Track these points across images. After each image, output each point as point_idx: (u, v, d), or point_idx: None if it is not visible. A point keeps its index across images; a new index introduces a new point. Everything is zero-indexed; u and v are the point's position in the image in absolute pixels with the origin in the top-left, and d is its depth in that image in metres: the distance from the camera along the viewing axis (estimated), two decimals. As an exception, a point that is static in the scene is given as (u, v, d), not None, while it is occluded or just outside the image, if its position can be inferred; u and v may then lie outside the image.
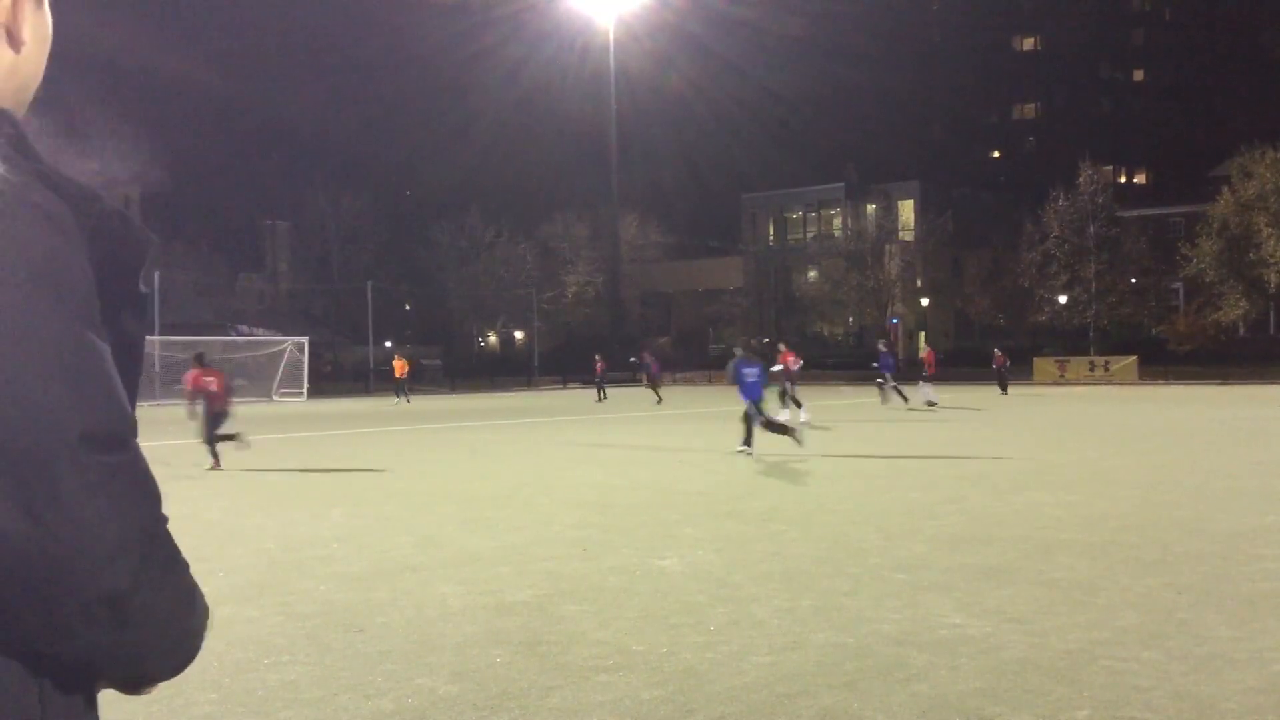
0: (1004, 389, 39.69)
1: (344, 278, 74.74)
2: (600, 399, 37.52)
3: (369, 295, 62.71)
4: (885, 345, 34.89)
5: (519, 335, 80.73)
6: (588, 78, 66.01)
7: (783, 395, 24.32)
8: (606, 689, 5.24)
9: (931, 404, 30.62)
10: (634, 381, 39.96)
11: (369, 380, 52.86)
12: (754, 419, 16.72)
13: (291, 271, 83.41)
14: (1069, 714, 4.75)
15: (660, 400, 35.14)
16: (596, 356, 40.45)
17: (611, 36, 55.51)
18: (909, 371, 41.37)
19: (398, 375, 41.50)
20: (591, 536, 9.59)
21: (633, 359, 43.33)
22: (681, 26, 75.05)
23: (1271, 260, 51.66)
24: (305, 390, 46.94)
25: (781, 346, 30.92)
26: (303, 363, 47.47)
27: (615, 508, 11.41)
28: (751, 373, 17.03)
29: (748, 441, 16.69)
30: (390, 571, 8.19)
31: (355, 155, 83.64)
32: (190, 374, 16.73)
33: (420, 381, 63.78)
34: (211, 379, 16.40)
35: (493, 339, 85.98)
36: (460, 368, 70.70)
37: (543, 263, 74.09)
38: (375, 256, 76.11)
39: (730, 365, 17.81)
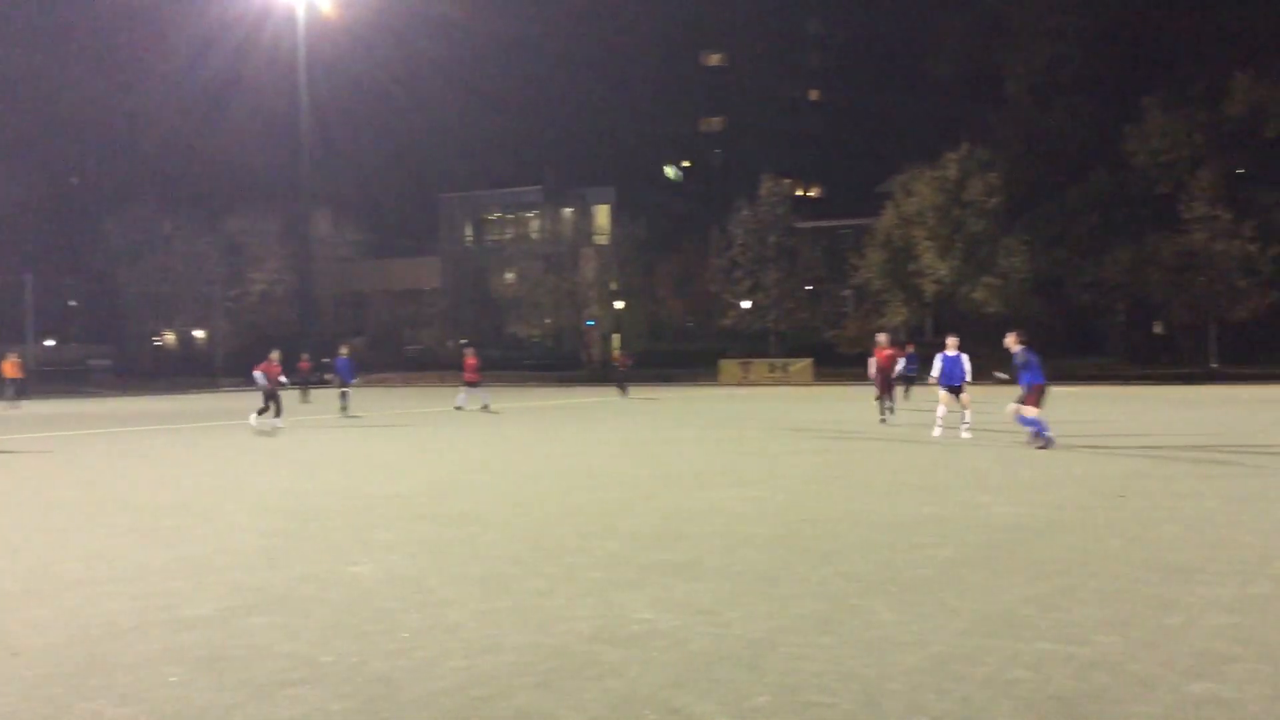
0: (623, 391, 39.08)
1: (1, 269, 68.35)
2: (303, 401, 36.02)
3: (28, 289, 57.64)
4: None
5: (199, 334, 76.51)
6: (280, 68, 63.34)
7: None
8: (293, 703, 5.03)
9: (460, 409, 29.69)
10: (324, 385, 38.59)
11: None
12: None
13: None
14: (751, 701, 4.96)
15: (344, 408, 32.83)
16: (304, 355, 38.93)
17: (302, 24, 53.53)
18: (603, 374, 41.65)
19: (7, 375, 38.20)
20: (279, 545, 9.19)
21: (325, 359, 41.76)
22: (384, 21, 73.43)
23: (928, 271, 56.28)
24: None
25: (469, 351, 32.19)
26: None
27: (305, 514, 10.99)
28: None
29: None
30: (52, 589, 7.53)
31: (14, 135, 76.45)
32: None
33: (87, 383, 59.30)
34: None
35: (171, 338, 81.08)
36: (134, 368, 66.27)
37: (228, 259, 70.50)
38: (37, 247, 70.02)
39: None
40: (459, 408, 30.30)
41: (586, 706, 4.92)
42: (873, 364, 24.93)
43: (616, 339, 70.19)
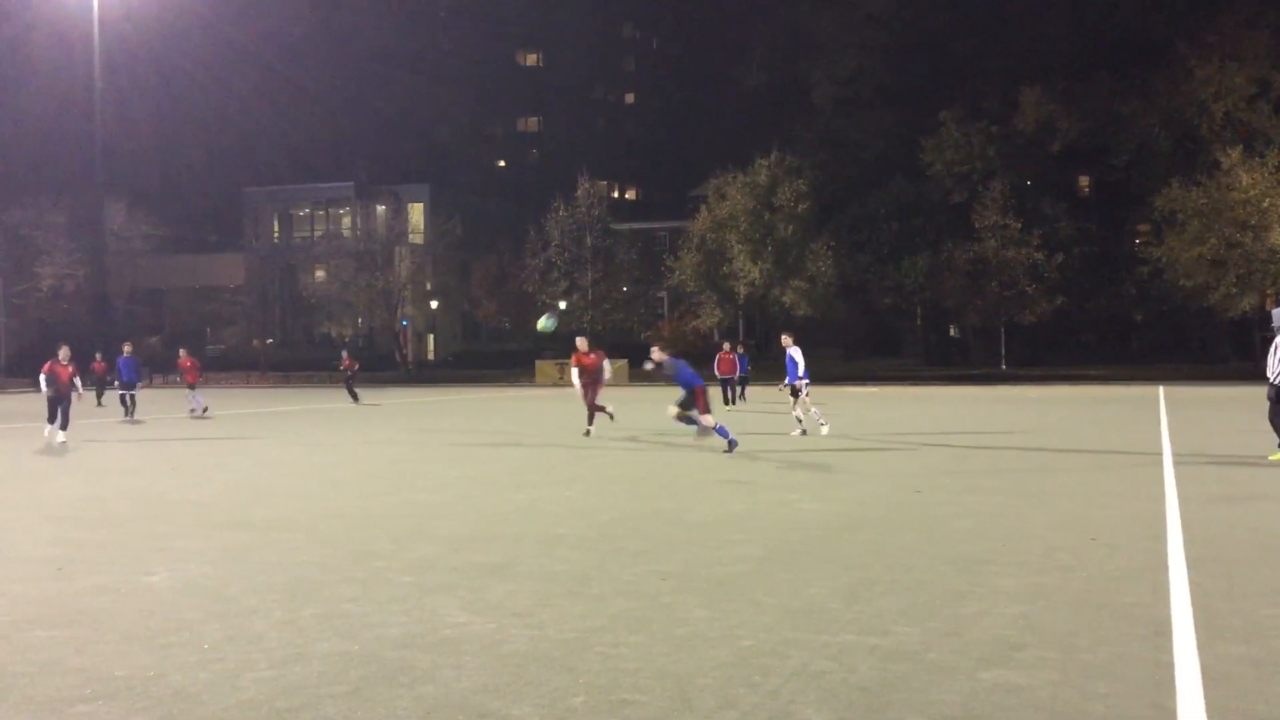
0: (355, 397, 36.04)
1: None
2: (99, 404, 34.03)
3: None
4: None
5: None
6: (73, 48, 59.95)
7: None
8: (83, 722, 4.76)
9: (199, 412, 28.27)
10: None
11: None
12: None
13: None
14: (566, 701, 4.97)
15: (128, 411, 30.59)
16: (96, 355, 36.89)
17: (96, 7, 50.87)
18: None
19: None
20: (68, 554, 8.70)
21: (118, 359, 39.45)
22: (191, 6, 70.49)
23: (741, 274, 57.61)
24: None
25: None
26: None
27: (97, 521, 10.44)
28: None
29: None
30: None
31: None
32: None
33: None
34: None
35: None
36: (-94, 369, 61.72)
37: (12, 251, 66.27)
38: None
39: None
40: (193, 410, 28.06)
41: (398, 714, 4.83)
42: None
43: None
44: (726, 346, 30.75)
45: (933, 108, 59.86)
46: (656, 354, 18.02)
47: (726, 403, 28.81)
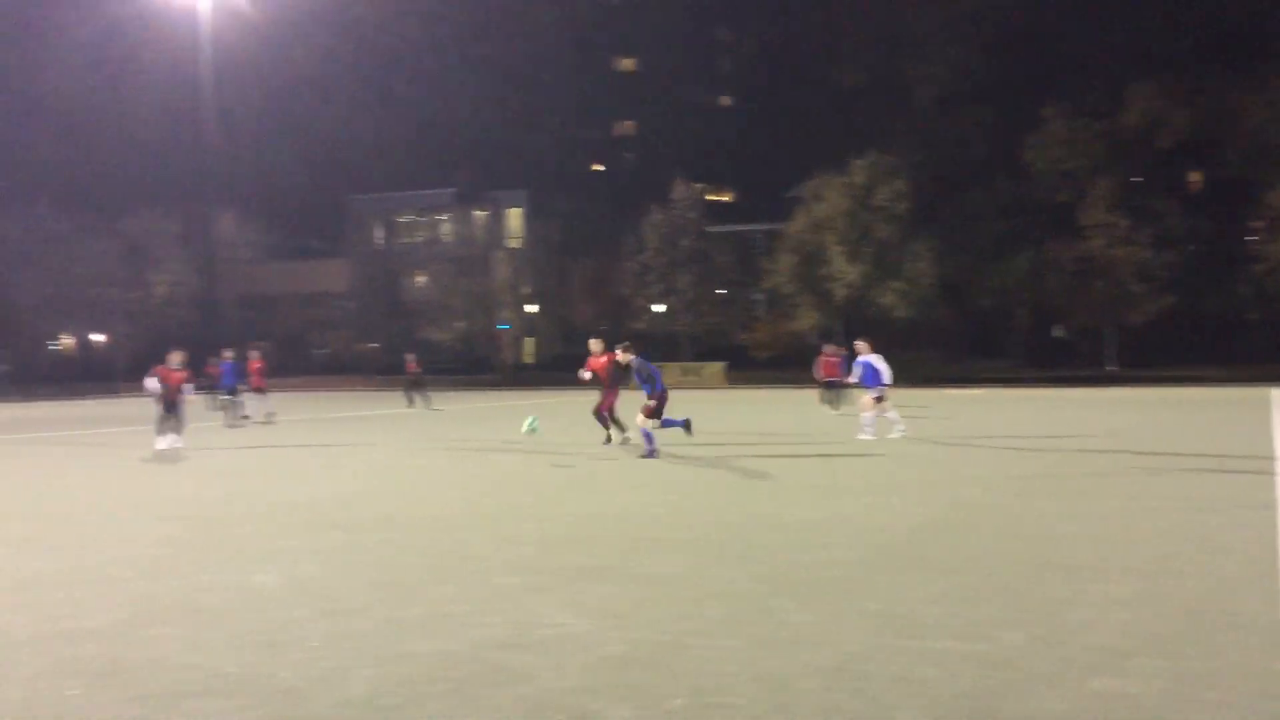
0: (411, 401, 35.00)
1: (-115, 273, 65.72)
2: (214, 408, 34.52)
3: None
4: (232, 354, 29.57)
5: (98, 338, 74.40)
6: (183, 64, 61.93)
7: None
8: (196, 715, 4.91)
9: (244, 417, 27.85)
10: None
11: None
12: None
13: None
14: (665, 703, 4.97)
15: (232, 414, 31.32)
16: (210, 360, 37.53)
17: (208, 19, 52.45)
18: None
19: None
20: (180, 554, 8.98)
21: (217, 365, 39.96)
22: (294, 19, 72.32)
23: (838, 276, 57.05)
24: None
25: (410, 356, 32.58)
26: None
27: (207, 522, 10.76)
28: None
29: None
30: (-60, 603, 7.26)
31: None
32: None
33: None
34: None
35: (67, 342, 78.73)
36: (30, 374, 64.23)
37: (128, 260, 68.58)
38: (-75, 249, 67.45)
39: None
40: (246, 417, 27.67)
41: (499, 713, 4.89)
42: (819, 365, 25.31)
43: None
44: (829, 349, 30.17)
45: (1035, 104, 58.59)
46: (622, 355, 17.73)
47: (833, 407, 28.27)
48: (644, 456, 16.43)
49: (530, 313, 72.31)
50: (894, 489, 12.51)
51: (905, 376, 51.01)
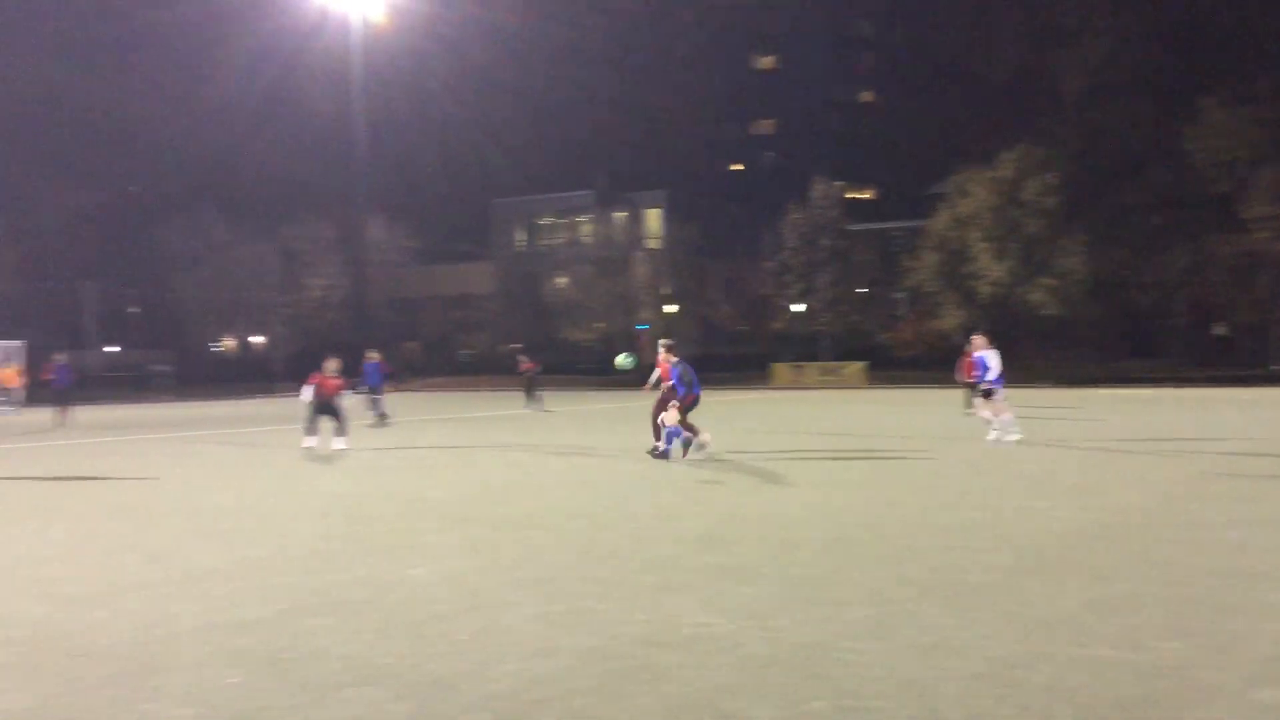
0: (530, 397, 34.11)
1: (62, 277, 69.66)
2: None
3: (89, 296, 58.82)
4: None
5: (257, 340, 77.57)
6: (334, 73, 64.15)
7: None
8: (350, 704, 5.08)
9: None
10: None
11: (77, 388, 49.37)
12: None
13: (2, 270, 76.98)
14: (807, 705, 4.94)
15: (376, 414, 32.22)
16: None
17: (357, 32, 54.10)
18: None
19: (6, 385, 38.33)
20: (335, 547, 9.29)
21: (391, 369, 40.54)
22: (435, 26, 74.11)
23: (983, 273, 55.70)
24: (23, 398, 43.53)
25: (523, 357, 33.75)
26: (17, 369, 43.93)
27: (360, 517, 11.10)
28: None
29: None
30: (114, 591, 7.67)
31: (77, 146, 78.13)
32: None
33: (147, 388, 60.33)
34: None
35: (229, 344, 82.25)
36: (193, 374, 67.27)
37: (284, 265, 71.38)
38: (98, 255, 71.34)
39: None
40: (385, 416, 27.49)
41: (641, 710, 4.92)
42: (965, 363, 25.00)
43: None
44: (974, 344, 29.31)
45: (1192, 93, 56.20)
46: (665, 355, 17.25)
47: (970, 407, 27.54)
48: (656, 455, 16.39)
49: (669, 313, 72.57)
50: (1043, 493, 12.16)
51: (1056, 376, 49.68)
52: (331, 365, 19.52)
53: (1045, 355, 57.15)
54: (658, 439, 16.96)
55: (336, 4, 52.63)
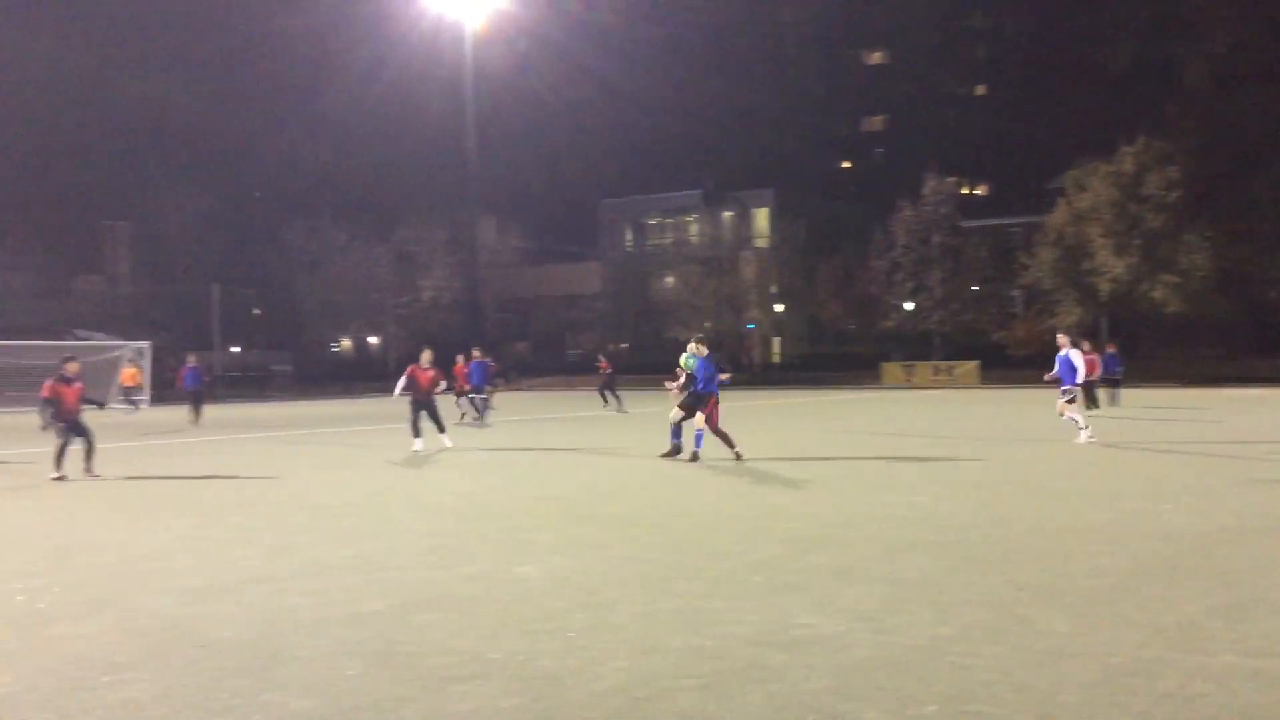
0: (606, 401, 33.71)
1: (189, 280, 72.19)
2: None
3: (215, 299, 60.79)
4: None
5: (373, 341, 79.34)
6: (446, 79, 65.29)
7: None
8: (463, 698, 5.17)
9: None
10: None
11: (209, 389, 51.17)
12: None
13: (132, 274, 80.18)
14: (917, 709, 4.88)
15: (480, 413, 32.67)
16: (459, 359, 38.05)
17: (470, 38, 54.96)
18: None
19: (126, 384, 39.39)
20: (447, 544, 9.47)
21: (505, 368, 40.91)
22: (541, 30, 74.96)
23: (1104, 269, 54.17)
24: (148, 396, 45.25)
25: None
26: (144, 369, 45.68)
27: (473, 515, 11.29)
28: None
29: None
30: (237, 584, 7.93)
31: (201, 153, 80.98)
32: (48, 383, 15.80)
33: (268, 387, 62.19)
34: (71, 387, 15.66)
35: (346, 344, 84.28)
36: (312, 373, 69.07)
37: (398, 267, 72.87)
38: (222, 259, 73.77)
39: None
40: (484, 412, 27.59)
41: (749, 710, 4.92)
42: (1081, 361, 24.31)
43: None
44: (1087, 346, 28.65)
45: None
46: (696, 348, 16.55)
47: (1090, 406, 26.80)
48: (688, 459, 16.21)
49: (778, 312, 72.14)
50: (1160, 495, 11.79)
51: (1179, 376, 48.05)
52: (426, 357, 19.48)
53: (1168, 354, 55.34)
54: (730, 445, 16.46)
55: (448, 11, 53.53)
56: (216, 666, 5.77)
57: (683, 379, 17.05)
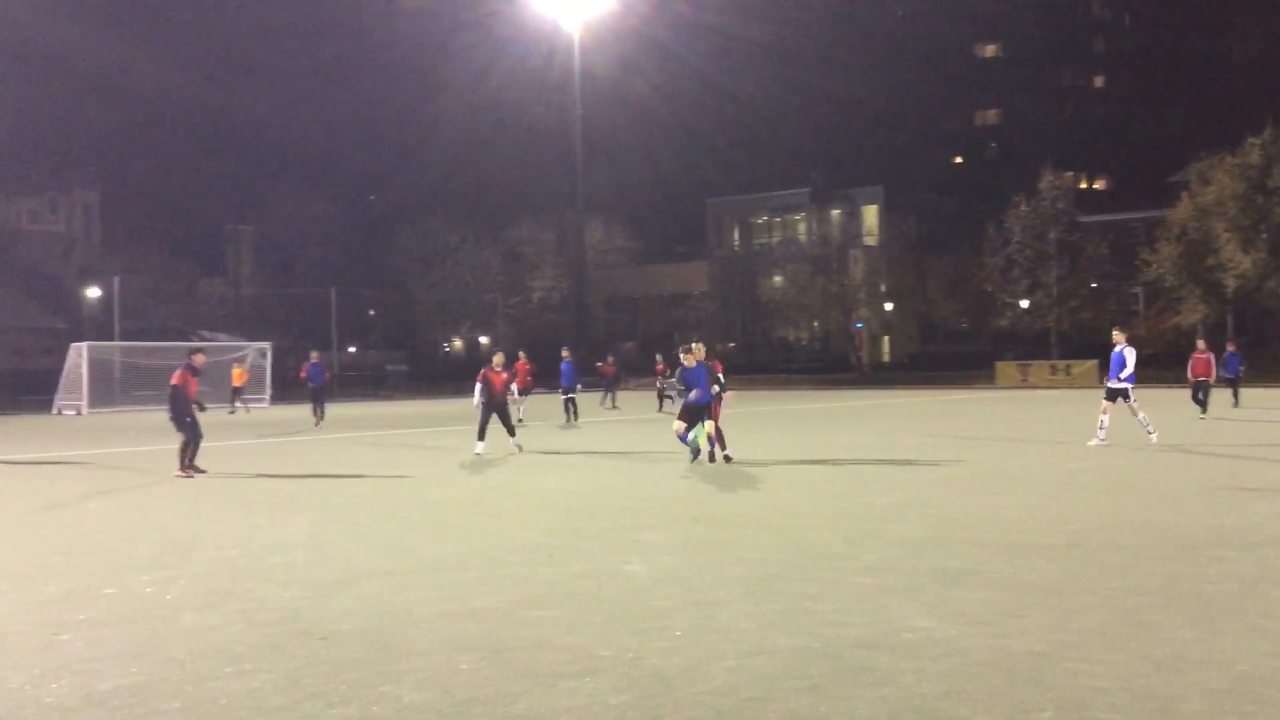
0: (606, 400, 34.47)
1: (308, 282, 74.22)
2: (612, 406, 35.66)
3: (333, 300, 62.37)
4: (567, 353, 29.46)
5: (484, 340, 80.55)
6: (553, 82, 65.99)
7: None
8: (573, 694, 5.23)
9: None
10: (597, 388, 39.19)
11: (332, 386, 52.45)
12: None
13: (254, 276, 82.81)
14: (1033, 715, 4.79)
15: (616, 406, 34.35)
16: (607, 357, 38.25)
17: (577, 40, 55.42)
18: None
19: (235, 384, 40.28)
20: (558, 542, 9.57)
21: (597, 364, 41.35)
22: (647, 31, 75.23)
23: (1229, 265, 52.28)
24: (269, 395, 46.62)
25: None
26: (266, 368, 47.07)
27: (582, 513, 11.39)
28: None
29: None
30: (355, 578, 8.13)
31: (320, 159, 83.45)
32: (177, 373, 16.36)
33: (384, 386, 63.55)
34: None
35: (458, 344, 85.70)
36: (425, 373, 70.35)
37: (508, 267, 73.88)
38: (340, 261, 75.76)
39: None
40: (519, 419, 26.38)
41: (859, 713, 4.88)
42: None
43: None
44: (1201, 345, 27.61)
45: None
46: (698, 350, 16.06)
47: (1200, 407, 25.87)
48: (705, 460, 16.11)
49: (887, 311, 71.21)
50: (1297, 499, 11.34)
51: (1310, 375, 46.07)
52: (498, 360, 19.48)
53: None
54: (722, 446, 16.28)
55: (556, 13, 54.02)
56: (335, 658, 5.93)
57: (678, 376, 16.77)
